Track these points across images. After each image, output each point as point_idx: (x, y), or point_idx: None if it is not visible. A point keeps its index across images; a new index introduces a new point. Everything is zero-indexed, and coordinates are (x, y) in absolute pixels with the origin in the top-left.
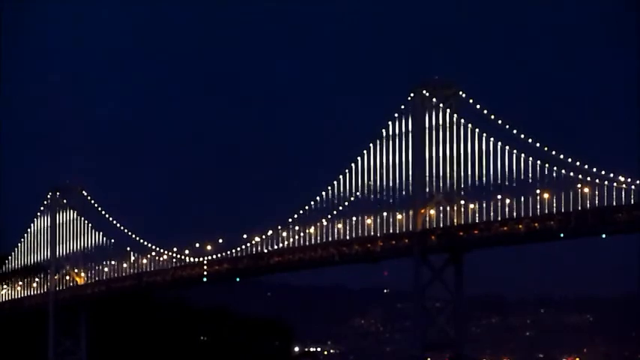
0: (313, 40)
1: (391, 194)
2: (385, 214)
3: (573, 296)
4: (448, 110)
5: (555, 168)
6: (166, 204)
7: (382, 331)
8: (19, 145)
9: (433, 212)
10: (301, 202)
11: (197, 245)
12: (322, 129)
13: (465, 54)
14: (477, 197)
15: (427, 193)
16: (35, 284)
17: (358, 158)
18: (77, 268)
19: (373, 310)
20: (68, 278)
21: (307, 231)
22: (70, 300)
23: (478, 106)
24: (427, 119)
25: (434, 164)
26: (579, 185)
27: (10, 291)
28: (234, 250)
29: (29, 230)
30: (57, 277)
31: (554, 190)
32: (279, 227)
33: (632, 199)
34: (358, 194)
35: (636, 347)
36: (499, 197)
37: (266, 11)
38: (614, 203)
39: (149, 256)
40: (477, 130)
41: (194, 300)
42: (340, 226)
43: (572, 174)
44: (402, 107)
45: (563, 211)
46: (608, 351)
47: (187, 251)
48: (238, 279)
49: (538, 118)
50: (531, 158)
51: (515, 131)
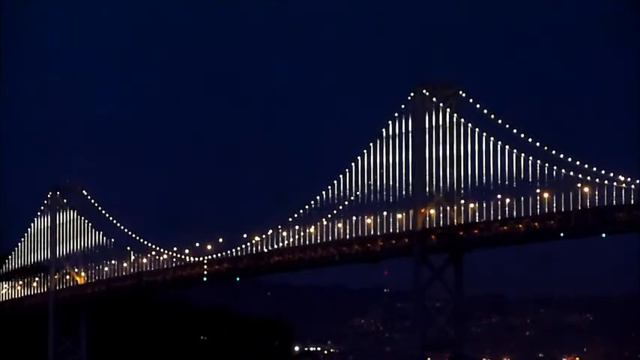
0: (313, 40)
1: (391, 194)
2: (385, 214)
3: (573, 296)
4: (448, 110)
5: (555, 168)
6: (166, 204)
7: (382, 331)
8: (19, 145)
9: (433, 212)
10: (301, 202)
11: (197, 245)
12: (322, 129)
13: (465, 54)
14: (477, 197)
15: (427, 193)
16: (35, 284)
17: (358, 158)
18: (77, 268)
19: (373, 310)
20: (68, 278)
21: (307, 231)
22: (70, 300)
23: (478, 106)
24: (427, 119)
25: (434, 164)
26: (579, 185)
27: (10, 291)
28: (234, 250)
29: (29, 230)
30: (57, 277)
31: (554, 190)
32: (279, 227)
33: (632, 199)
34: (358, 194)
35: (636, 347)
36: (499, 197)
37: (266, 11)
38: (614, 203)
39: (149, 256)
40: (477, 130)
41: (194, 300)
42: (340, 226)
43: (572, 174)
44: (402, 107)
45: (563, 211)
46: (608, 351)
47: (187, 251)
48: (238, 279)
49: (538, 118)
50: (531, 158)
51: (515, 131)
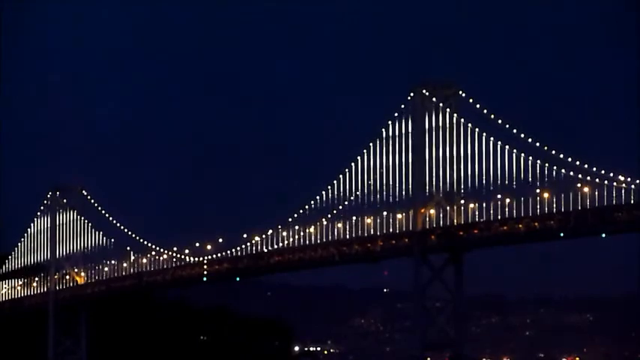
0: (313, 40)
1: (391, 194)
2: (385, 214)
3: (573, 296)
4: (448, 110)
5: (555, 168)
6: (166, 204)
7: (382, 331)
8: (19, 145)
9: (433, 212)
10: (301, 202)
11: (197, 245)
12: (322, 129)
13: (465, 54)
14: (477, 197)
15: (427, 193)
16: (35, 284)
17: (358, 158)
18: (77, 268)
19: (373, 310)
20: (68, 278)
21: (307, 231)
22: (70, 300)
23: (478, 106)
24: (427, 119)
25: (434, 164)
26: (579, 185)
27: (10, 291)
28: (234, 250)
29: (29, 230)
30: (57, 277)
31: (554, 190)
32: (279, 227)
33: (632, 199)
34: (358, 194)
35: (636, 347)
36: (499, 197)
37: (266, 11)
38: (614, 203)
39: (149, 256)
40: (477, 130)
41: (194, 300)
42: (340, 226)
43: (572, 174)
44: (402, 107)
45: (563, 211)
46: (608, 351)
47: (187, 251)
48: (238, 279)
49: (538, 118)
50: (531, 158)
51: (515, 131)
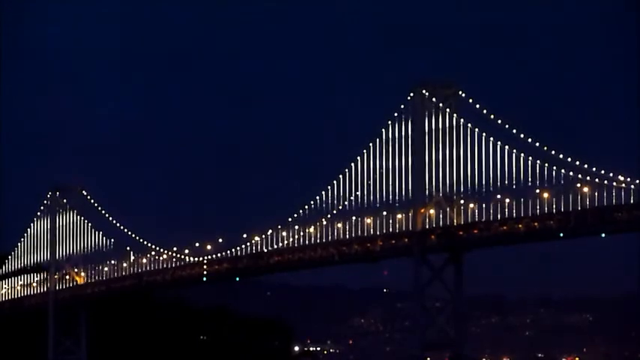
0: (313, 40)
1: (391, 194)
2: (385, 214)
3: (573, 296)
4: (448, 110)
5: (555, 168)
6: (166, 204)
7: (382, 331)
8: (19, 145)
9: (433, 212)
10: (301, 202)
11: (197, 245)
12: (322, 129)
13: (465, 54)
14: (477, 197)
15: (427, 193)
16: (35, 284)
17: (358, 158)
18: (77, 268)
19: (373, 310)
20: (68, 278)
21: (307, 231)
22: (70, 300)
23: (478, 106)
24: (427, 119)
25: (433, 164)
26: (579, 185)
27: (10, 291)
28: (234, 250)
29: (29, 230)
30: (57, 277)
31: (553, 190)
32: (279, 227)
33: (631, 199)
34: (358, 194)
35: (636, 347)
36: (499, 197)
37: (266, 11)
38: (614, 203)
39: (149, 256)
40: (477, 130)
41: (194, 300)
42: (340, 226)
43: (572, 174)
44: (402, 107)
45: (562, 211)
46: (608, 351)
47: (187, 251)
48: (238, 279)
49: (538, 118)
50: (531, 158)
51: (515, 131)
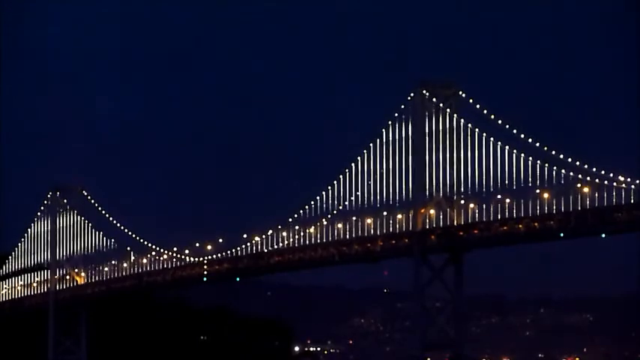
0: (313, 40)
1: (391, 194)
2: (385, 214)
3: (573, 296)
4: (448, 110)
5: (555, 168)
6: (166, 204)
7: (382, 331)
8: (19, 145)
9: (433, 212)
10: (301, 202)
11: (197, 245)
12: (322, 129)
13: (465, 54)
14: (477, 197)
15: (427, 193)
16: (35, 284)
17: (358, 158)
18: (77, 268)
19: (373, 310)
20: (68, 278)
21: (307, 231)
22: (70, 300)
23: (478, 106)
24: (427, 119)
25: (434, 164)
26: (579, 185)
27: (10, 291)
28: (234, 250)
29: (29, 230)
30: (57, 277)
31: (554, 190)
32: (279, 227)
33: (632, 199)
34: (358, 194)
35: (636, 347)
36: (499, 197)
37: (266, 11)
38: (613, 203)
39: (149, 256)
40: (477, 130)
41: (194, 300)
42: (340, 226)
43: (572, 174)
44: (402, 107)
45: (563, 211)
46: (608, 351)
47: (187, 251)
48: (238, 279)
49: (538, 118)
50: (531, 158)
51: (515, 131)
